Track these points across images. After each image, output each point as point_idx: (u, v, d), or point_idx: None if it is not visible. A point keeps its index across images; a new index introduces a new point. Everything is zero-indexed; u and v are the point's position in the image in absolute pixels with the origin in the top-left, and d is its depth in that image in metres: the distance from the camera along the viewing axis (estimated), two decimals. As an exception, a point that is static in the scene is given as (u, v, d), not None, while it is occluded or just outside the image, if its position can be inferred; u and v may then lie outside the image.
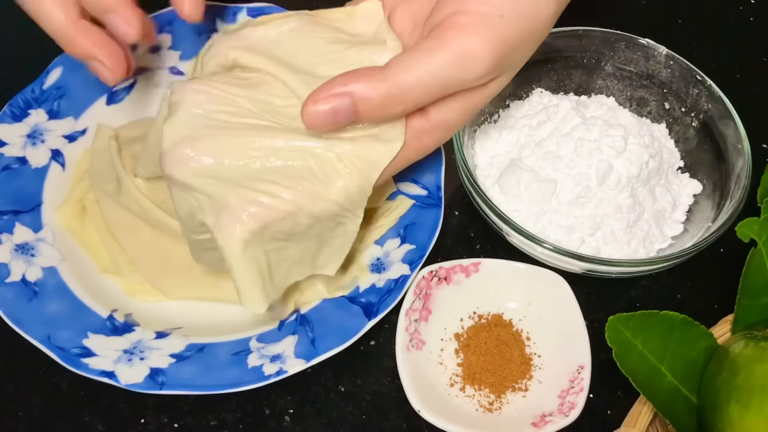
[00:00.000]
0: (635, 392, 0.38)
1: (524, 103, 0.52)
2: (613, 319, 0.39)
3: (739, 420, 0.35)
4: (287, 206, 0.35)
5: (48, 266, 0.43)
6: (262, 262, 0.37)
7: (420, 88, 0.34)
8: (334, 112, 0.34)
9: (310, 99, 0.34)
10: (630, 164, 0.46)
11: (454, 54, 0.33)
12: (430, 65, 0.33)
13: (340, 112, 0.34)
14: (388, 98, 0.34)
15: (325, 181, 0.36)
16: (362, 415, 0.43)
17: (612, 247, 0.46)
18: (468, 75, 0.34)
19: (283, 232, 0.36)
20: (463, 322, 0.46)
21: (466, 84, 0.35)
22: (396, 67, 0.34)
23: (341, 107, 0.33)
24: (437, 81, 0.34)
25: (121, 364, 0.40)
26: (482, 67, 0.34)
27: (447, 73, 0.34)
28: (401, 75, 0.34)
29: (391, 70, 0.34)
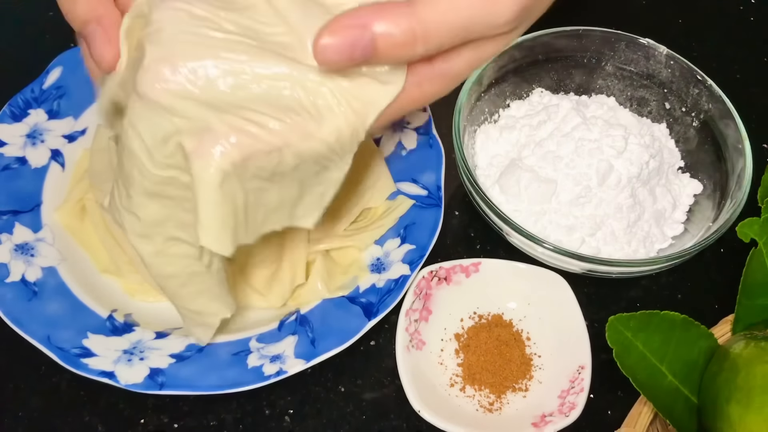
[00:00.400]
0: (635, 392, 0.38)
1: (524, 103, 0.52)
2: (614, 319, 0.39)
3: (740, 420, 0.35)
4: (275, 139, 0.32)
5: (48, 266, 0.43)
6: (239, 200, 0.33)
7: (445, 27, 0.32)
8: (351, 45, 0.30)
9: (325, 30, 0.30)
10: (630, 164, 0.46)
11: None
12: (457, 4, 0.31)
13: (358, 47, 0.30)
14: (411, 36, 0.31)
15: (317, 118, 0.33)
16: (362, 416, 0.43)
17: (612, 247, 0.46)
18: (494, 19, 0.32)
19: (267, 170, 0.33)
20: (464, 322, 0.46)
21: (491, 29, 0.33)
22: (422, 4, 0.31)
23: (359, 41, 0.30)
24: (463, 22, 0.32)
25: (121, 364, 0.40)
26: (509, 12, 0.32)
27: (473, 13, 0.32)
28: (427, 12, 0.31)
29: (417, 6, 0.31)
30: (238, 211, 0.33)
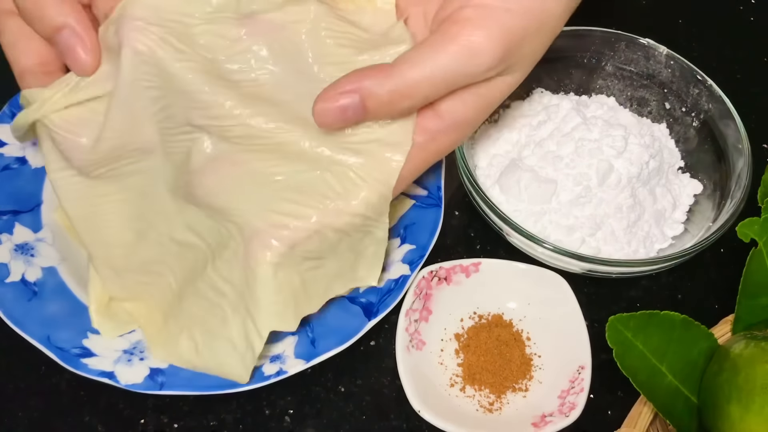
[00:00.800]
0: (635, 392, 0.38)
1: (524, 103, 0.52)
2: (614, 319, 0.38)
3: (740, 420, 0.35)
4: (312, 225, 0.36)
5: (47, 266, 0.43)
6: (296, 282, 0.37)
7: (427, 82, 0.34)
8: (342, 109, 0.34)
9: (319, 98, 0.34)
10: (630, 164, 0.46)
11: (459, 47, 0.34)
12: (436, 60, 0.34)
13: (349, 109, 0.34)
14: (396, 94, 0.34)
15: (344, 196, 0.36)
16: (362, 416, 0.43)
17: (612, 247, 0.46)
18: (474, 68, 0.35)
19: (313, 251, 0.37)
20: (463, 322, 0.46)
21: (473, 77, 0.35)
22: (403, 64, 0.34)
23: (350, 104, 0.34)
24: (443, 75, 0.34)
25: (121, 364, 0.40)
26: (488, 60, 0.34)
27: (453, 66, 0.34)
28: (408, 71, 0.34)
29: (398, 67, 0.34)
30: (297, 292, 0.37)
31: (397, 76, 0.34)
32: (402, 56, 0.35)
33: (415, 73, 0.34)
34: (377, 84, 0.34)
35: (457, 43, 0.34)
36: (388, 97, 0.34)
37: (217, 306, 0.38)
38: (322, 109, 0.34)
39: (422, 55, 0.34)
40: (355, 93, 0.34)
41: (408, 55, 0.34)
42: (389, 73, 0.34)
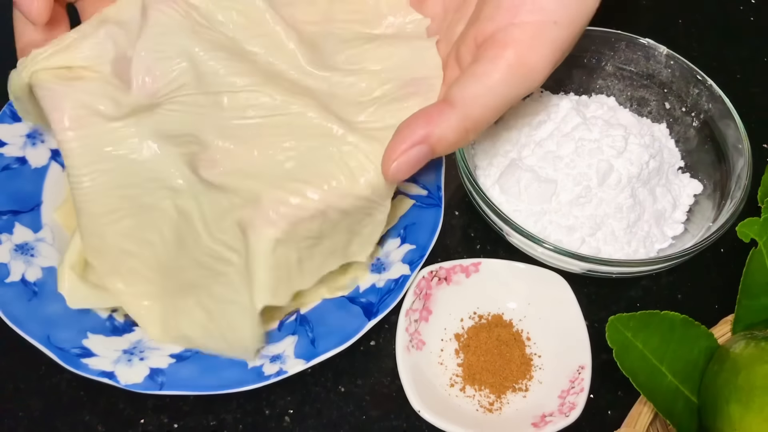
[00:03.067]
0: (635, 392, 0.38)
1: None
2: (614, 319, 0.39)
3: (740, 420, 0.35)
4: (317, 205, 0.36)
5: (47, 266, 0.43)
6: (292, 258, 0.37)
7: (489, 113, 0.35)
8: (416, 161, 0.35)
9: (388, 155, 0.35)
10: (630, 164, 0.46)
11: (515, 71, 0.34)
12: (494, 90, 0.34)
13: (420, 159, 0.35)
14: (463, 132, 0.35)
15: (351, 178, 0.36)
16: (362, 416, 0.43)
17: (612, 247, 0.46)
18: (531, 88, 0.35)
19: (314, 230, 0.37)
20: (464, 322, 0.46)
21: (529, 92, 0.36)
22: (462, 101, 0.34)
23: (421, 155, 0.35)
24: (504, 101, 0.35)
25: (121, 364, 0.40)
26: (542, 77, 0.35)
27: (512, 91, 0.35)
28: (470, 107, 0.34)
29: (459, 105, 0.34)
30: (292, 267, 0.37)
31: (460, 116, 0.34)
32: (458, 90, 0.35)
33: (477, 108, 0.34)
34: (443, 128, 0.34)
35: (513, 68, 0.34)
36: (456, 137, 0.35)
37: (222, 274, 0.38)
38: (396, 169, 0.35)
39: (480, 87, 0.34)
40: (424, 143, 0.34)
41: (465, 90, 0.35)
42: (452, 114, 0.34)
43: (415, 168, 0.35)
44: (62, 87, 0.37)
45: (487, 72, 0.34)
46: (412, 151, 0.34)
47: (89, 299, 0.41)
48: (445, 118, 0.34)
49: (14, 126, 0.48)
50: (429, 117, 0.35)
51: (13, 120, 0.48)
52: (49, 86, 0.36)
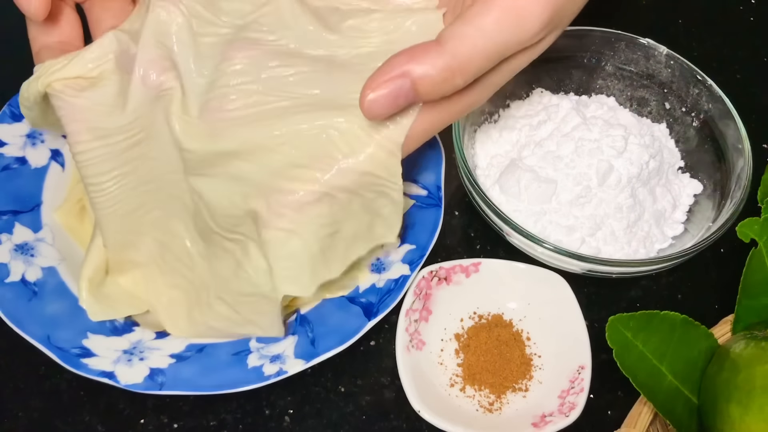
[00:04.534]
0: (635, 392, 0.38)
1: (524, 103, 0.52)
2: (614, 319, 0.39)
3: (740, 420, 0.35)
4: (320, 187, 0.35)
5: (47, 266, 0.43)
6: (313, 249, 0.37)
7: (479, 56, 0.33)
8: (394, 96, 0.32)
9: (366, 87, 0.32)
10: (630, 164, 0.46)
11: (507, 15, 0.32)
12: (485, 31, 0.32)
13: (401, 96, 0.32)
14: (449, 72, 0.32)
15: (350, 154, 0.35)
16: (362, 416, 0.43)
17: (612, 248, 0.46)
18: (524, 35, 0.33)
19: (325, 215, 0.36)
20: (463, 322, 0.46)
21: (522, 44, 0.34)
22: (451, 39, 0.32)
23: (401, 90, 0.32)
24: (495, 46, 0.33)
25: (121, 364, 0.40)
26: (537, 23, 0.33)
27: (503, 36, 0.33)
28: (458, 47, 0.32)
29: (447, 44, 0.32)
30: (314, 258, 0.37)
31: (447, 54, 0.32)
32: (447, 31, 0.33)
33: (465, 48, 0.32)
34: (428, 65, 0.32)
35: (504, 11, 0.32)
36: (441, 76, 0.32)
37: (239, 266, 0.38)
38: (372, 100, 0.32)
39: (470, 28, 0.32)
40: (405, 77, 0.32)
41: (454, 29, 0.33)
42: (438, 51, 0.32)
43: (394, 104, 0.32)
44: (78, 98, 0.37)
45: (478, 13, 0.32)
46: (392, 83, 0.32)
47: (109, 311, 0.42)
48: (431, 55, 0.32)
49: (14, 126, 0.48)
50: (413, 53, 0.32)
51: (13, 120, 0.48)
52: (65, 98, 0.37)
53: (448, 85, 0.33)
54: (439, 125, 0.37)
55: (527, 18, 0.33)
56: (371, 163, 0.36)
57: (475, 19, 0.32)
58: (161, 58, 0.37)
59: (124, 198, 0.39)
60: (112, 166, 0.38)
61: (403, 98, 0.32)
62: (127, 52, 0.37)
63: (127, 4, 0.39)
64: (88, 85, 0.37)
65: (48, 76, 0.36)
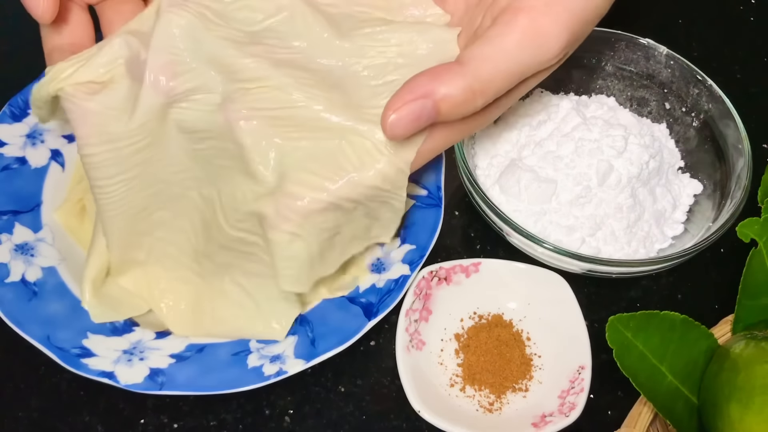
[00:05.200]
0: (635, 392, 0.38)
1: (524, 103, 0.52)
2: (614, 319, 0.38)
3: (740, 420, 0.35)
4: (328, 197, 0.36)
5: (47, 266, 0.43)
6: (313, 248, 0.37)
7: (500, 77, 0.33)
8: (416, 117, 0.32)
9: (389, 107, 0.33)
10: (630, 164, 0.46)
11: (529, 37, 0.33)
12: (507, 53, 0.33)
13: (423, 117, 0.33)
14: (470, 93, 0.33)
15: (361, 168, 0.36)
16: (362, 416, 0.43)
17: (612, 248, 0.46)
18: (545, 56, 0.34)
19: (329, 221, 0.37)
20: (463, 322, 0.46)
21: (542, 65, 0.34)
22: (473, 60, 0.33)
23: (423, 110, 0.32)
24: (517, 68, 0.33)
25: (121, 364, 0.40)
26: (557, 46, 0.34)
27: (525, 58, 0.33)
28: (480, 67, 0.33)
29: (469, 64, 0.33)
30: (313, 256, 0.38)
31: (469, 75, 0.32)
32: (469, 51, 0.33)
33: (488, 69, 0.33)
34: (450, 86, 0.32)
35: (526, 33, 0.33)
36: (463, 97, 0.33)
37: (252, 254, 0.39)
38: (395, 121, 0.32)
39: (491, 48, 0.33)
40: (428, 97, 0.32)
41: (476, 50, 0.33)
42: (461, 72, 0.33)
43: (415, 125, 0.33)
44: (89, 102, 0.37)
45: (499, 34, 0.33)
46: (414, 104, 0.32)
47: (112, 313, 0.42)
48: (453, 75, 0.33)
49: (14, 126, 0.48)
50: (436, 73, 0.33)
51: (13, 120, 0.48)
52: (76, 101, 0.37)
53: (469, 105, 0.33)
54: (448, 143, 0.37)
55: (548, 40, 0.33)
56: (380, 178, 0.36)
57: (496, 40, 0.33)
58: (172, 63, 0.37)
59: (130, 201, 0.40)
60: (120, 170, 0.38)
61: (425, 118, 0.33)
62: (138, 58, 0.37)
63: (139, 7, 0.39)
64: (99, 89, 0.37)
65: (59, 82, 0.37)
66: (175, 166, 0.39)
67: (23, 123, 0.48)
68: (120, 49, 0.37)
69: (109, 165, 0.38)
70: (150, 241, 0.42)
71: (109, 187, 0.39)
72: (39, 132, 0.48)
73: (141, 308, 0.43)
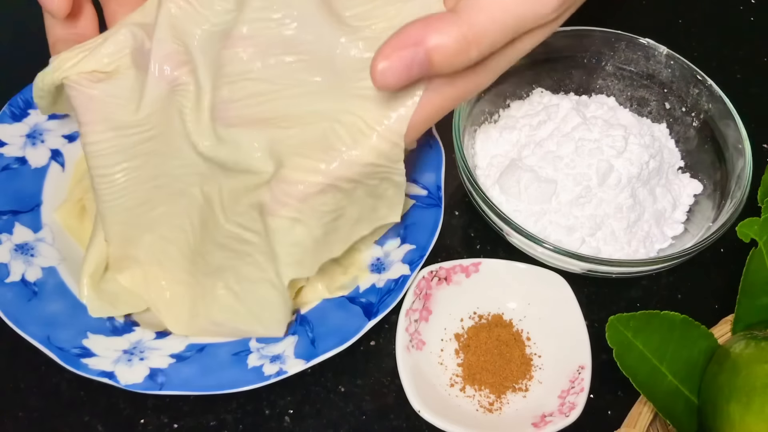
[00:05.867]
0: (635, 392, 0.38)
1: (524, 103, 0.52)
2: (614, 319, 0.39)
3: (740, 420, 0.35)
4: (324, 179, 0.36)
5: (47, 266, 0.43)
6: (316, 231, 0.37)
7: (495, 27, 0.32)
8: (408, 65, 0.31)
9: (379, 55, 0.31)
10: (630, 164, 0.46)
11: None
12: (503, 3, 0.31)
13: (414, 65, 0.31)
14: (465, 43, 0.31)
15: (354, 146, 0.35)
16: (362, 416, 0.43)
17: (612, 247, 0.46)
18: (543, 9, 0.32)
19: (330, 203, 0.37)
20: (464, 322, 0.46)
21: (540, 19, 0.33)
22: (468, 9, 0.31)
23: (415, 59, 0.31)
24: (513, 19, 0.32)
25: (121, 364, 0.40)
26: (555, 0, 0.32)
27: (522, 9, 0.32)
28: (475, 17, 0.31)
29: (464, 13, 0.31)
30: (317, 239, 0.38)
31: (464, 24, 0.31)
32: (463, 1, 0.32)
33: (482, 18, 0.31)
34: (443, 34, 0.31)
35: None
36: (456, 46, 0.31)
37: (247, 254, 0.39)
38: (384, 69, 0.30)
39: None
40: (419, 45, 0.30)
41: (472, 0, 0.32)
42: (454, 20, 0.31)
43: (406, 75, 0.31)
44: (93, 89, 0.37)
45: None
46: (405, 51, 0.30)
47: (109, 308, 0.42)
48: (446, 24, 0.31)
49: (14, 126, 0.48)
50: (428, 22, 0.31)
51: (13, 120, 0.48)
52: (81, 88, 0.37)
53: (463, 56, 0.32)
54: (442, 111, 0.36)
55: None
56: (374, 155, 0.36)
57: None
58: (176, 52, 0.37)
59: (131, 192, 0.40)
60: (122, 158, 0.38)
61: (417, 68, 0.31)
62: (142, 48, 0.37)
63: None
64: (103, 78, 0.37)
65: (64, 71, 0.37)
66: (180, 160, 0.39)
67: (23, 123, 0.48)
68: (126, 40, 0.37)
69: (112, 153, 0.38)
70: (150, 240, 0.42)
71: (111, 176, 0.39)
72: (39, 132, 0.48)
73: (139, 305, 0.43)
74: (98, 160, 0.38)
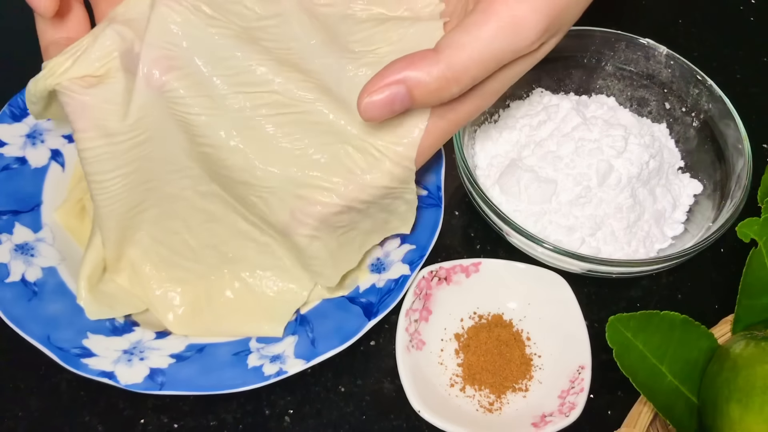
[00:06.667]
0: (635, 392, 0.38)
1: (524, 103, 0.52)
2: (614, 319, 0.39)
3: (740, 420, 0.35)
4: (340, 201, 0.37)
5: (47, 266, 0.43)
6: (332, 245, 0.39)
7: (474, 65, 0.33)
8: (390, 101, 0.33)
9: (364, 91, 0.33)
10: (630, 164, 0.46)
11: (504, 24, 0.33)
12: (481, 40, 0.33)
13: (396, 101, 0.33)
14: (444, 80, 0.33)
15: (367, 171, 0.37)
16: (362, 416, 0.43)
17: (612, 247, 0.46)
18: (520, 44, 0.34)
19: (344, 220, 0.38)
20: (464, 322, 0.46)
21: (519, 53, 0.34)
22: (447, 48, 0.33)
23: (396, 95, 0.33)
24: (491, 55, 0.33)
25: (121, 364, 0.40)
26: (534, 33, 0.34)
27: (499, 45, 0.33)
28: (454, 55, 0.33)
29: (444, 52, 0.33)
30: (334, 253, 0.40)
31: (443, 63, 0.33)
32: (445, 39, 0.34)
33: (462, 57, 0.33)
34: (424, 72, 0.33)
35: (500, 20, 0.33)
36: (436, 84, 0.33)
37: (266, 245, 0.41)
38: (368, 103, 0.33)
39: (466, 37, 0.33)
40: (401, 83, 0.33)
41: (452, 38, 0.33)
42: (435, 59, 0.33)
43: (389, 109, 0.33)
44: (86, 96, 0.37)
45: (475, 22, 0.33)
46: (388, 89, 0.33)
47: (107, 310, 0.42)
48: (427, 63, 0.33)
49: (14, 126, 0.48)
50: (410, 60, 0.33)
51: (13, 120, 0.48)
52: (73, 95, 0.37)
53: (444, 92, 0.34)
54: (446, 136, 0.38)
55: (524, 27, 0.33)
56: (388, 179, 0.37)
57: (472, 28, 0.33)
58: (165, 57, 0.37)
59: (125, 196, 0.40)
60: (117, 164, 0.38)
61: (399, 103, 0.33)
62: (131, 51, 0.37)
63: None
64: (95, 82, 0.37)
65: (57, 77, 0.37)
66: (171, 165, 0.39)
67: (23, 123, 0.48)
68: (113, 42, 0.37)
69: (106, 160, 0.38)
70: (145, 240, 0.42)
71: (106, 182, 0.39)
72: (39, 132, 0.48)
73: (138, 306, 0.42)
74: (93, 167, 0.38)
